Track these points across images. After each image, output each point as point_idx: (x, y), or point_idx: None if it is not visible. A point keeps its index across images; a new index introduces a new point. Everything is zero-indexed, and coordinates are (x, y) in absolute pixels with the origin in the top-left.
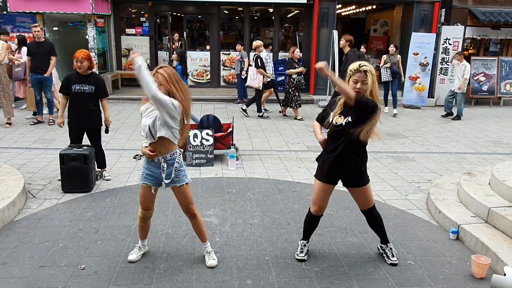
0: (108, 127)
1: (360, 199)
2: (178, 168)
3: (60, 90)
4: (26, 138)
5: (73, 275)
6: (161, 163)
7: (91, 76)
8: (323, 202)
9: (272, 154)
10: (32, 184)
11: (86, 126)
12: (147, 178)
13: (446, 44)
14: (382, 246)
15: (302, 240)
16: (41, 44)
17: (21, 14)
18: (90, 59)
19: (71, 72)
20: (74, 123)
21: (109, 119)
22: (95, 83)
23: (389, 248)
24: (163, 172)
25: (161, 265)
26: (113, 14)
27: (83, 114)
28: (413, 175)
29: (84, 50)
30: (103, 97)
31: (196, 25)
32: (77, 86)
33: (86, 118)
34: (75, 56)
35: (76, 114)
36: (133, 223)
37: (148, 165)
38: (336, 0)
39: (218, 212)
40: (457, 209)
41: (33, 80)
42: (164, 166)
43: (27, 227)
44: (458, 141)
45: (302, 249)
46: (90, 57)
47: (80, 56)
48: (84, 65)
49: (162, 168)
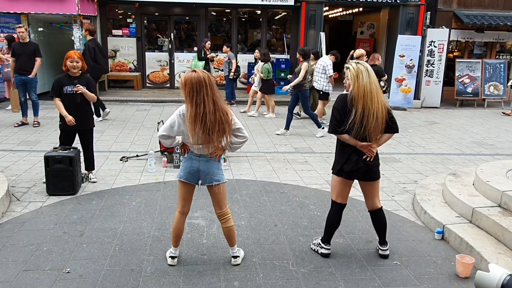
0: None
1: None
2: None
3: (52, 94)
4: (10, 140)
5: (57, 279)
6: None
7: (81, 77)
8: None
9: (259, 155)
10: (16, 187)
11: (81, 128)
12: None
13: (431, 46)
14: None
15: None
16: (26, 45)
17: (5, 14)
18: (82, 59)
19: (61, 75)
20: (68, 126)
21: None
22: (86, 83)
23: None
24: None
25: (148, 268)
26: (99, 15)
27: (77, 115)
28: (399, 176)
29: (77, 51)
30: (95, 94)
31: (184, 26)
32: (69, 88)
33: (81, 120)
34: (70, 56)
35: (72, 115)
36: (119, 225)
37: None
38: (323, 3)
39: (206, 214)
40: (442, 210)
41: (18, 81)
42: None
43: (10, 231)
44: (444, 142)
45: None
46: (82, 58)
47: (76, 55)
48: (79, 65)
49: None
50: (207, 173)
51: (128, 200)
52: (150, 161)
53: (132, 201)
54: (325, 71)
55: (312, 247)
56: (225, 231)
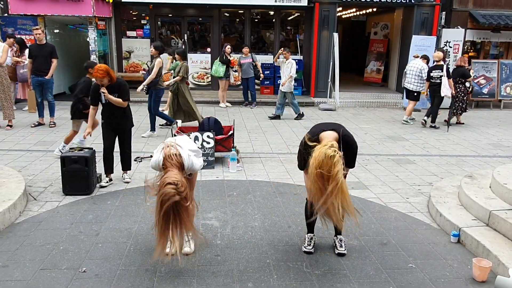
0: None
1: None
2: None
3: (91, 102)
4: (27, 140)
5: (74, 278)
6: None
7: (115, 84)
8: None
9: (273, 156)
10: (33, 186)
11: (117, 128)
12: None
13: (446, 46)
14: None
15: (308, 233)
16: (42, 47)
17: (22, 16)
18: (109, 73)
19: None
20: (107, 124)
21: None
22: (117, 89)
23: (339, 240)
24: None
25: (162, 268)
26: (114, 16)
27: (113, 116)
28: (414, 177)
29: (101, 66)
30: (124, 100)
31: (197, 27)
32: (103, 97)
33: (117, 121)
34: (94, 75)
35: (110, 115)
36: (133, 225)
37: None
38: (336, 3)
39: (219, 214)
40: (458, 212)
41: (34, 82)
42: None
43: (28, 230)
44: (459, 144)
45: (310, 242)
46: (109, 72)
47: (98, 75)
48: (105, 82)
49: None
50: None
51: (143, 201)
52: None
53: (147, 202)
54: (421, 74)
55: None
56: None
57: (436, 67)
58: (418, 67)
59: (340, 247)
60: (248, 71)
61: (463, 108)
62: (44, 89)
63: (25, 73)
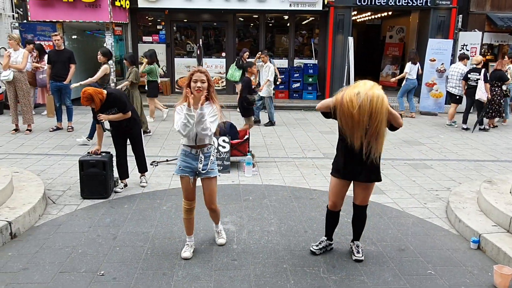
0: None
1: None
2: (213, 161)
3: (96, 122)
4: (46, 144)
5: (92, 281)
6: (199, 155)
7: (108, 100)
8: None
9: (288, 161)
10: (52, 190)
11: (127, 134)
12: (185, 170)
13: (463, 50)
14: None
15: (325, 236)
16: (61, 52)
17: (41, 23)
18: (92, 98)
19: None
20: (116, 131)
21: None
22: (114, 103)
23: (356, 245)
24: (201, 163)
25: (179, 272)
26: (130, 22)
27: (121, 124)
28: (431, 182)
29: (84, 94)
30: (124, 113)
31: (212, 32)
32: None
33: (126, 127)
34: (82, 101)
35: (118, 128)
36: (150, 229)
37: (186, 158)
38: (351, 7)
39: (235, 219)
40: (478, 218)
41: (53, 87)
42: (202, 158)
43: (47, 233)
44: (477, 149)
45: (319, 244)
46: (92, 96)
47: (84, 103)
48: (96, 105)
49: (200, 160)
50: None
51: (159, 205)
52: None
53: (163, 206)
54: (462, 77)
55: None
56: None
57: (475, 70)
58: (459, 71)
59: (358, 253)
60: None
61: (499, 112)
62: (63, 94)
63: (44, 78)
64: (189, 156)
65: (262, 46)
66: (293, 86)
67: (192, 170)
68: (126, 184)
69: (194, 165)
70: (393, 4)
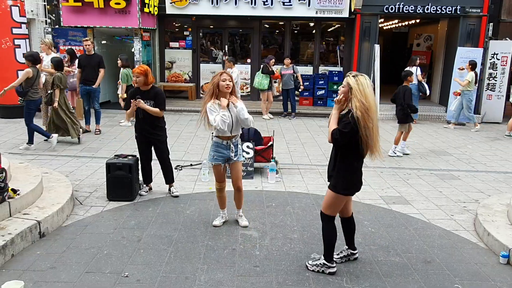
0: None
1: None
2: (240, 148)
3: (125, 107)
4: (74, 147)
5: (116, 282)
6: (230, 145)
7: (151, 90)
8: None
9: (311, 168)
10: (79, 191)
11: (151, 140)
12: (218, 159)
13: (494, 59)
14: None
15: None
16: (91, 57)
17: (73, 28)
18: (146, 74)
19: (134, 88)
20: (141, 137)
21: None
22: (154, 97)
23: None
24: (232, 152)
25: (202, 276)
26: (158, 28)
27: (145, 127)
28: (458, 194)
29: (142, 66)
30: (160, 109)
31: (237, 38)
32: (140, 110)
33: (150, 132)
34: (133, 71)
35: (142, 128)
36: (174, 233)
37: (218, 148)
38: (378, 14)
39: (258, 225)
40: (508, 232)
41: (82, 91)
42: (232, 147)
43: (74, 233)
44: (507, 160)
45: (340, 252)
46: (147, 72)
47: (136, 71)
48: (140, 80)
49: (231, 149)
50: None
51: (183, 209)
52: (204, 171)
53: (187, 210)
54: None
55: (314, 269)
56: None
57: None
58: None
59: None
60: (289, 82)
61: None
62: (91, 97)
63: (74, 82)
64: (220, 146)
65: (287, 53)
66: (317, 93)
67: (224, 158)
68: (151, 187)
69: (226, 154)
70: (421, 12)
